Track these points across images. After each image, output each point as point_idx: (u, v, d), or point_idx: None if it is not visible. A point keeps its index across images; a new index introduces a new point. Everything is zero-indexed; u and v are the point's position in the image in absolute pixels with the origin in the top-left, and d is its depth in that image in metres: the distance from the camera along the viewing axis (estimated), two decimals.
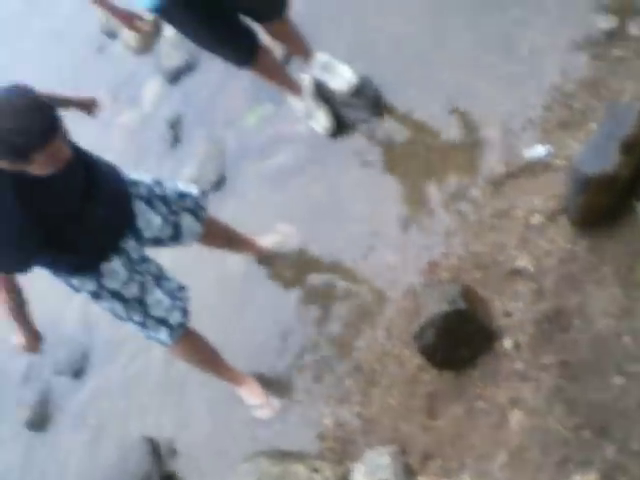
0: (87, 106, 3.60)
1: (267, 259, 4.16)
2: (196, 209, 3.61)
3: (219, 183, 4.66)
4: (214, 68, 4.77)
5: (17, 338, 3.22)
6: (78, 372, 4.97)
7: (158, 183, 3.49)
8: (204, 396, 4.07)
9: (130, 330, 3.46)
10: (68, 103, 3.51)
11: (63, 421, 4.96)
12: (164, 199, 3.46)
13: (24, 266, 2.99)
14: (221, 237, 3.92)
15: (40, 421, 5.10)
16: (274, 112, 4.58)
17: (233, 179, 4.65)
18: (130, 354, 4.64)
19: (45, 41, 7.44)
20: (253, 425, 3.77)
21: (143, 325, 3.37)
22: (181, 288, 3.45)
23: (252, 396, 3.79)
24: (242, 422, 3.82)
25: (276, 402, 3.75)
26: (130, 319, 3.34)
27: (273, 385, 3.81)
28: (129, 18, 3.87)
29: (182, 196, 3.56)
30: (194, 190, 3.65)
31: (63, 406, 5.01)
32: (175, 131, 5.19)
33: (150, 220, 3.38)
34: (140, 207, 3.35)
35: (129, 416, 4.46)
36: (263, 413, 3.75)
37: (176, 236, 3.54)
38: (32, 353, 3.34)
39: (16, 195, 2.80)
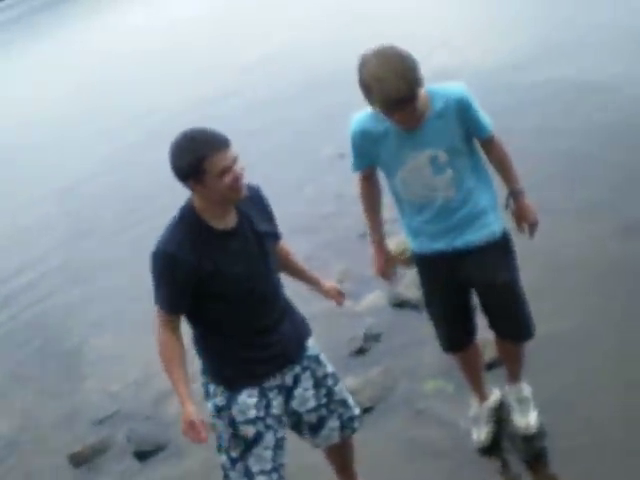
0: (332, 295, 3.83)
1: None
2: (346, 424, 3.73)
3: (365, 411, 4.74)
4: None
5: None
6: (142, 454, 5.15)
7: (334, 377, 3.68)
8: None
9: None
10: (314, 283, 3.82)
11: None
12: (330, 393, 3.63)
13: (176, 307, 3.26)
14: (341, 463, 3.99)
15: (80, 461, 5.29)
16: (451, 393, 4.73)
17: (379, 415, 4.79)
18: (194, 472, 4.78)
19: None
20: None
21: (232, 464, 3.43)
22: (284, 466, 3.52)
23: None
24: None
25: None
26: (227, 451, 3.44)
27: None
28: (381, 265, 4.02)
29: (344, 405, 3.71)
30: (357, 410, 3.79)
31: (107, 469, 5.18)
32: (366, 344, 5.44)
33: (307, 398, 3.56)
34: (307, 382, 3.55)
35: None
36: None
37: (313, 430, 3.65)
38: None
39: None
